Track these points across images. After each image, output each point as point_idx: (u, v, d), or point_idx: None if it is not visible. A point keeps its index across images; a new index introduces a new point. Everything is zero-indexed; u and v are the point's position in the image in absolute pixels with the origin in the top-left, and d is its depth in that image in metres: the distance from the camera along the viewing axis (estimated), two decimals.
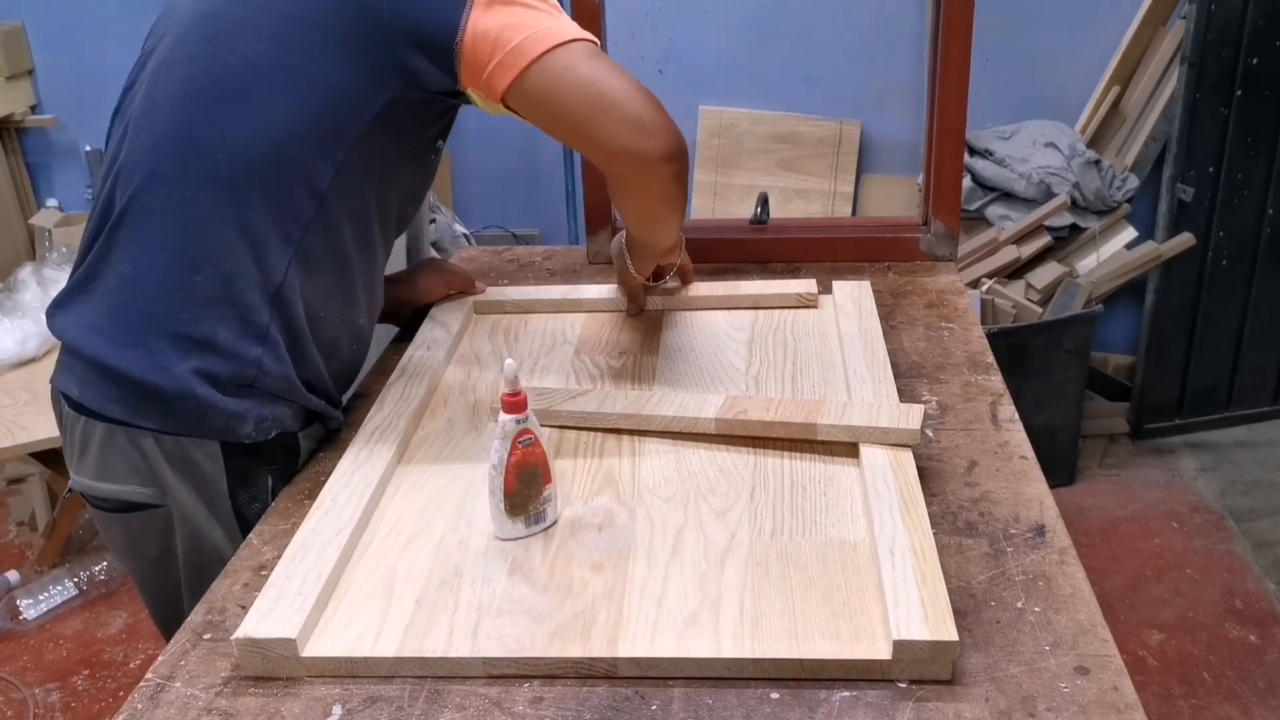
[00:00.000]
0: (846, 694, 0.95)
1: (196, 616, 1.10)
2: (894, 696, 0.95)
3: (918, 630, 0.96)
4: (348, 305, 1.40)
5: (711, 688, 0.97)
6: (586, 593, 1.07)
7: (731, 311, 1.68)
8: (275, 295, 1.29)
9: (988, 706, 0.93)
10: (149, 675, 1.03)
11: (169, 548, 1.37)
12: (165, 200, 1.26)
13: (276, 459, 1.34)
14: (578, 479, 1.27)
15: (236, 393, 1.28)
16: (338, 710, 0.97)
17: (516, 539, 1.16)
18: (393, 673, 1.00)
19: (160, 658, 1.05)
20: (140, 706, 0.99)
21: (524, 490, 1.15)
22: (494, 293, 1.76)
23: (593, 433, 1.35)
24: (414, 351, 1.55)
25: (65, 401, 1.33)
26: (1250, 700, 2.48)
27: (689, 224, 1.87)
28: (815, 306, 1.67)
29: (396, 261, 1.75)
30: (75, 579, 3.03)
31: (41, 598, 2.97)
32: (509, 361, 1.12)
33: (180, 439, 1.28)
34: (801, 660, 0.97)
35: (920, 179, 2.14)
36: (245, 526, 1.29)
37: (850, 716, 0.93)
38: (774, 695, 0.96)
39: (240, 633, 1.00)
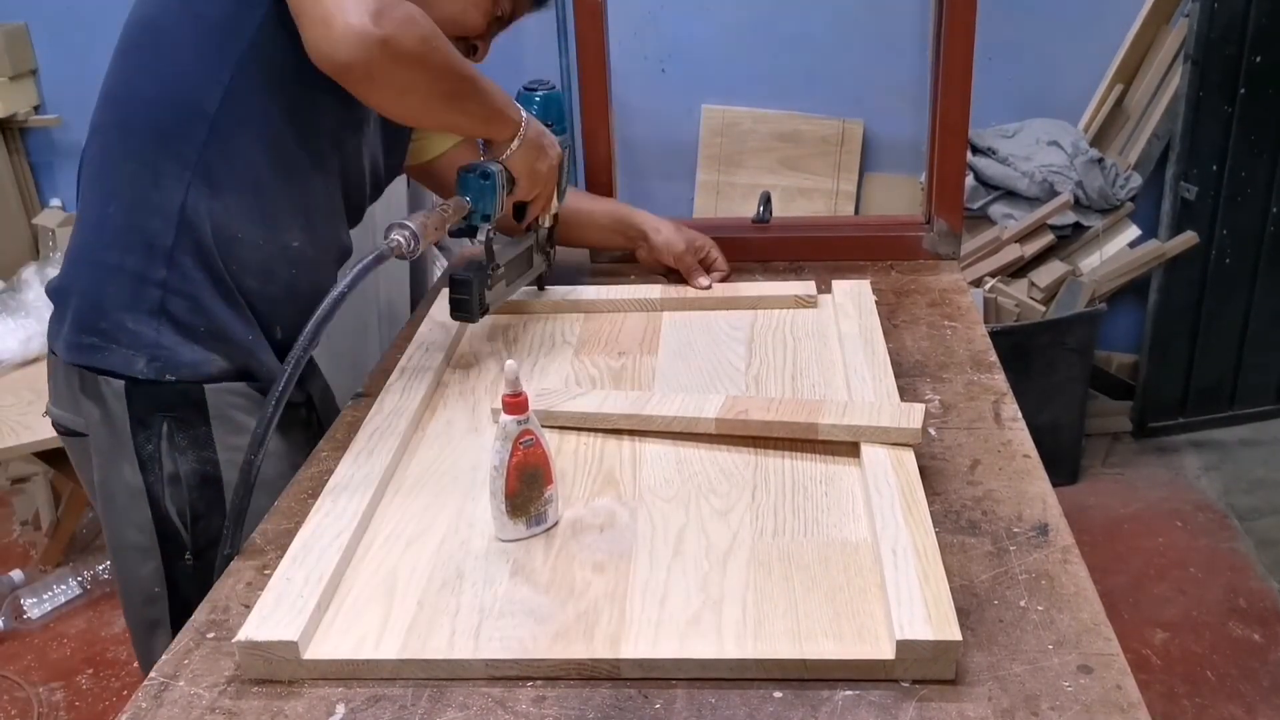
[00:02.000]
0: (849, 693, 0.95)
1: (200, 615, 1.10)
2: (897, 696, 0.95)
3: (921, 630, 0.95)
4: (272, 226, 1.41)
5: (714, 687, 0.97)
6: (588, 594, 1.07)
7: (731, 312, 1.68)
8: (180, 218, 1.34)
9: (991, 706, 0.93)
10: (153, 674, 1.02)
11: (93, 476, 1.47)
12: (93, 151, 1.40)
13: (175, 408, 1.38)
14: (579, 480, 1.27)
15: (145, 317, 1.36)
16: (341, 709, 0.97)
17: (518, 540, 1.16)
18: (395, 675, 1.00)
19: (164, 656, 1.05)
20: (144, 705, 0.99)
21: (525, 491, 1.15)
22: None
23: (593, 433, 1.35)
24: (414, 352, 1.55)
25: None
26: (1254, 699, 2.47)
27: (695, 223, 1.87)
28: (814, 306, 1.67)
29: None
30: (79, 578, 3.03)
31: (45, 597, 2.98)
32: (510, 362, 1.12)
33: (92, 376, 1.38)
34: (805, 660, 0.97)
35: (923, 177, 2.14)
36: (144, 467, 1.38)
37: (853, 716, 0.93)
38: (777, 694, 0.96)
39: (241, 636, 1.00)
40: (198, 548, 1.41)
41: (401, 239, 1.30)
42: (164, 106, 1.33)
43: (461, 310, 1.51)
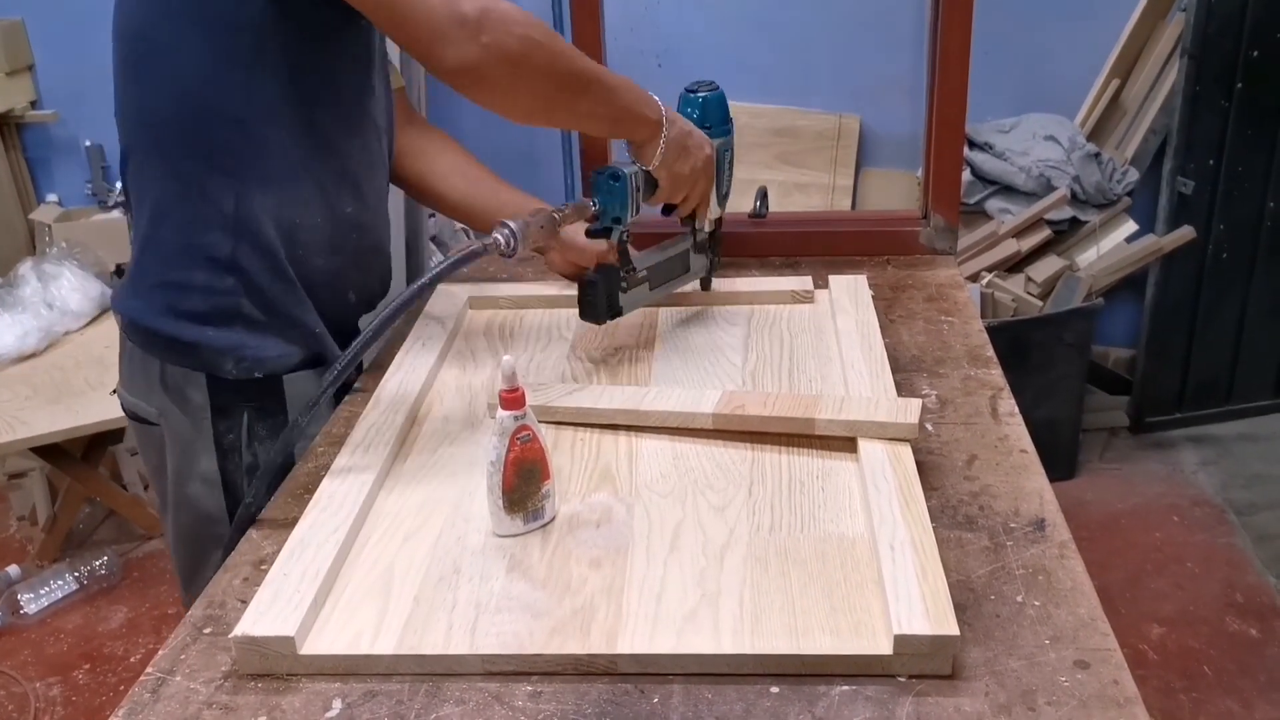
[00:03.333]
0: (846, 688, 0.95)
1: (196, 611, 1.10)
2: (894, 690, 0.95)
3: (919, 624, 0.95)
4: (325, 203, 1.42)
5: (711, 682, 0.97)
6: (585, 589, 1.07)
7: (727, 307, 1.68)
8: (235, 225, 1.35)
9: (988, 701, 0.93)
10: (150, 669, 1.02)
11: (163, 463, 1.51)
12: (132, 171, 1.40)
13: (255, 398, 1.43)
14: (575, 475, 1.27)
15: (223, 325, 1.39)
16: (338, 704, 0.97)
17: (514, 536, 1.16)
18: (391, 670, 1.00)
19: (161, 651, 1.05)
20: (141, 700, 0.99)
21: (522, 487, 1.14)
22: (489, 288, 1.75)
23: (590, 429, 1.35)
24: (409, 347, 1.55)
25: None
26: (1251, 694, 2.48)
27: None
28: (811, 302, 1.67)
29: (394, 255, 1.74)
30: (76, 573, 3.03)
31: (42, 592, 2.98)
32: (506, 358, 1.12)
33: (174, 369, 1.43)
34: (802, 656, 0.97)
35: (919, 172, 2.14)
36: (222, 454, 1.43)
37: (850, 710, 0.93)
38: (774, 689, 0.96)
39: (238, 631, 1.00)
40: None
41: (501, 237, 1.29)
42: (190, 121, 1.33)
43: (589, 312, 1.50)
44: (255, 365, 1.41)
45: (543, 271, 1.87)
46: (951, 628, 0.95)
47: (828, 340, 1.55)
